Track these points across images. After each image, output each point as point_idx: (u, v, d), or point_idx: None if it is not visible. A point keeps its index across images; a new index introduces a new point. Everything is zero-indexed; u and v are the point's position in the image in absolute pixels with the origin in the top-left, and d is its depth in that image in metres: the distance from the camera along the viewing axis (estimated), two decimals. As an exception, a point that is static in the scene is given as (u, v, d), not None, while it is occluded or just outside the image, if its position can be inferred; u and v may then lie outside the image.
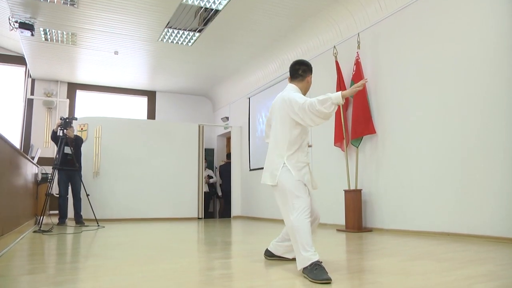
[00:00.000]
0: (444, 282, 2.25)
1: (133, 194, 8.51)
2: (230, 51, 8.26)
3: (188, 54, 8.45)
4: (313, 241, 2.62)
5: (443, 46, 4.85)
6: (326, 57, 6.83)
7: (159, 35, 7.45)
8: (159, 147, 8.93)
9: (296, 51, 7.64)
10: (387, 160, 5.54)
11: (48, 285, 2.29)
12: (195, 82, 10.53)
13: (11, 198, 4.29)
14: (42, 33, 7.41)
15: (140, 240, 4.74)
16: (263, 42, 7.77)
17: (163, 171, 8.87)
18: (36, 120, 10.10)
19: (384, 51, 5.73)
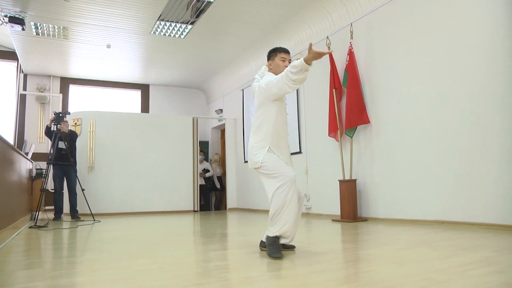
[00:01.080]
0: (440, 270, 2.27)
1: (128, 188, 8.50)
2: (223, 43, 8.23)
3: (181, 46, 8.41)
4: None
5: (436, 35, 4.86)
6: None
7: (151, 28, 7.39)
8: (154, 141, 8.92)
9: (289, 42, 7.61)
10: (381, 149, 5.56)
11: (45, 280, 2.30)
12: (188, 74, 10.48)
13: (6, 194, 4.27)
14: (33, 27, 7.33)
15: (136, 234, 4.74)
16: (255, 34, 7.74)
17: (158, 165, 8.86)
18: (29, 115, 10.03)
19: (377, 40, 5.72)
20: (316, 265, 2.57)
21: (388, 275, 2.21)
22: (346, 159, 5.92)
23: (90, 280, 2.26)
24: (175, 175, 8.99)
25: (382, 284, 1.99)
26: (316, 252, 3.13)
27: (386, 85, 5.53)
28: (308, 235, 4.43)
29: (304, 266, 2.56)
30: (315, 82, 6.91)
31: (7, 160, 4.35)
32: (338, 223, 5.46)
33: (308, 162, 7.09)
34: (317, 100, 6.85)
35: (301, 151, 7.29)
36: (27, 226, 5.68)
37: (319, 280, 2.13)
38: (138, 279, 2.26)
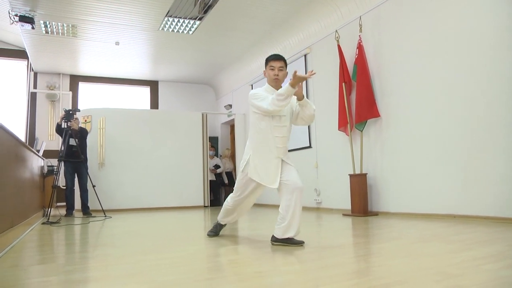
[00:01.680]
0: (453, 264, 2.25)
1: (138, 184, 8.55)
2: (231, 38, 8.21)
3: (189, 42, 8.41)
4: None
5: (446, 27, 4.79)
6: (328, 41, 6.77)
7: (159, 24, 7.40)
8: (163, 137, 8.94)
9: (297, 37, 7.58)
10: (391, 143, 5.52)
11: (58, 274, 2.32)
12: (197, 70, 10.49)
13: (19, 191, 4.32)
14: (43, 26, 7.38)
15: (147, 229, 4.77)
16: (264, 29, 7.71)
17: (168, 160, 8.89)
18: (40, 113, 10.12)
19: (386, 33, 5.67)
20: (327, 259, 2.56)
21: (400, 269, 2.19)
22: (356, 153, 5.89)
23: (102, 275, 2.28)
24: (185, 171, 9.01)
25: (394, 278, 1.98)
26: (327, 246, 3.12)
27: (396, 78, 5.48)
28: (319, 230, 4.43)
29: (315, 260, 2.55)
30: (324, 76, 6.87)
31: (19, 158, 4.39)
32: (348, 217, 5.44)
33: (318, 156, 7.06)
34: (326, 94, 6.82)
35: (311, 146, 7.27)
36: (40, 222, 5.74)
37: (331, 274, 2.12)
38: (150, 274, 2.27)
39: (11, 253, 3.15)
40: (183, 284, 2.02)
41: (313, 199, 7.13)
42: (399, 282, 1.89)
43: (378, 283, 1.90)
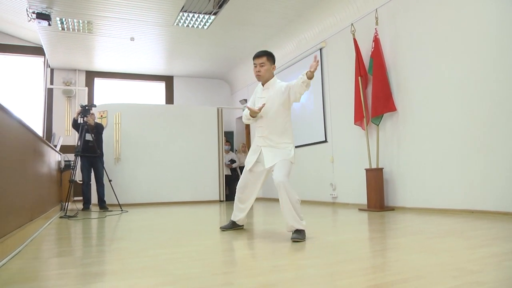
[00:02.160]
0: (472, 260, 2.22)
1: (154, 179, 8.61)
2: (246, 33, 8.19)
3: (204, 37, 8.41)
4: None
5: (464, 19, 4.70)
6: (344, 35, 6.71)
7: (174, 19, 7.42)
8: (179, 132, 8.98)
9: (312, 31, 7.52)
10: (408, 137, 5.46)
11: (76, 267, 2.35)
12: (212, 65, 10.50)
13: (37, 185, 4.38)
14: (59, 23, 7.46)
15: (163, 223, 4.80)
16: (279, 23, 7.67)
17: (183, 155, 8.92)
18: (57, 109, 10.25)
19: (403, 26, 5.59)
20: (344, 254, 2.54)
21: (417, 264, 2.17)
22: (372, 147, 5.84)
23: (120, 268, 2.30)
24: (201, 165, 9.04)
25: (412, 273, 1.95)
26: (343, 241, 3.10)
27: (412, 71, 5.40)
28: (335, 224, 4.41)
29: (331, 255, 2.54)
30: (340, 70, 6.82)
31: (37, 153, 4.45)
32: (364, 212, 5.41)
33: (333, 151, 7.02)
34: (342, 88, 6.77)
35: (326, 140, 7.23)
36: (58, 216, 5.82)
37: (348, 269, 2.11)
38: (167, 267, 2.28)
39: (31, 246, 3.21)
40: (200, 277, 2.03)
41: (328, 193, 7.09)
42: (416, 277, 1.87)
43: (395, 278, 1.88)
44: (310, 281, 1.92)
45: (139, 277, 2.06)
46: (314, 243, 2.97)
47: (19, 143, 3.37)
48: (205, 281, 1.96)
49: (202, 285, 1.88)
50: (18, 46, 9.89)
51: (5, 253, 2.64)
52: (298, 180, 8.02)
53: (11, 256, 2.69)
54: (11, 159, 2.99)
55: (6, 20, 8.84)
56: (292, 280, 1.94)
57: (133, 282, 1.97)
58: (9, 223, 2.88)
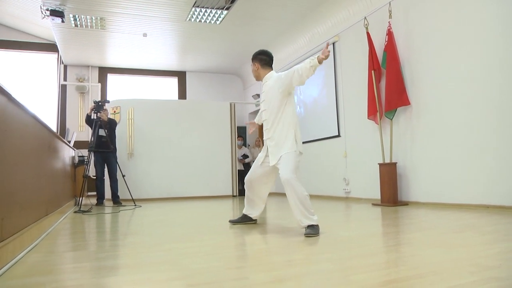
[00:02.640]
0: (489, 255, 2.18)
1: (167, 174, 8.65)
2: (258, 27, 8.16)
3: (217, 32, 8.40)
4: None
5: (480, 13, 4.61)
6: (357, 29, 6.65)
7: (187, 14, 7.42)
8: (191, 127, 9.00)
9: (325, 25, 7.47)
10: (422, 131, 5.39)
11: (91, 261, 2.37)
12: (224, 60, 10.49)
13: (52, 180, 4.43)
14: (72, 20, 7.51)
15: (177, 218, 4.82)
16: (291, 17, 7.63)
17: (196, 150, 8.95)
18: (70, 105, 10.36)
19: (417, 19, 5.51)
20: (358, 249, 2.53)
21: (433, 260, 2.14)
22: (386, 142, 5.79)
23: (134, 262, 2.31)
24: (214, 160, 9.06)
25: (428, 269, 1.93)
26: (357, 236, 3.08)
27: (426, 65, 5.33)
28: (348, 219, 4.38)
29: (346, 250, 2.52)
30: (353, 64, 6.77)
31: (52, 148, 4.50)
32: (378, 207, 5.37)
33: (347, 145, 6.98)
34: (355, 82, 6.71)
35: (339, 135, 7.19)
36: (72, 211, 5.89)
37: (362, 264, 2.09)
38: (182, 261, 2.29)
39: (46, 240, 3.24)
40: (215, 272, 2.03)
41: (342, 188, 7.06)
42: (432, 273, 1.85)
43: (410, 273, 1.86)
44: (324, 275, 1.91)
45: (153, 271, 2.07)
46: (328, 238, 2.96)
47: (35, 139, 3.41)
48: (220, 275, 1.96)
49: (217, 279, 1.89)
50: (32, 43, 9.99)
51: (23, 246, 2.68)
52: (311, 175, 8.00)
53: (28, 250, 2.73)
54: (27, 154, 3.03)
55: (20, 17, 8.93)
56: (306, 275, 1.93)
57: (148, 276, 1.98)
58: (26, 217, 2.92)
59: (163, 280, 1.90)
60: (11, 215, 2.49)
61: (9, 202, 2.45)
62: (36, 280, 1.98)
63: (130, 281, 1.91)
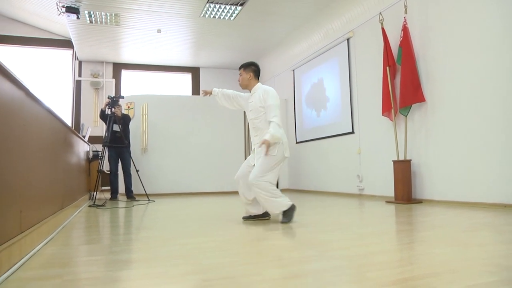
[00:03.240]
0: (507, 255, 2.15)
1: (181, 169, 8.68)
2: (273, 23, 8.13)
3: (231, 28, 8.40)
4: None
5: (498, 8, 4.53)
6: (372, 24, 6.58)
7: (201, 10, 7.42)
8: (205, 122, 9.01)
9: (340, 20, 7.41)
10: (437, 128, 5.33)
11: (106, 254, 2.39)
12: (238, 56, 10.47)
13: (68, 174, 4.49)
14: (87, 16, 7.57)
15: (190, 213, 4.84)
16: (306, 12, 7.58)
17: (210, 146, 8.96)
18: (85, 100, 10.46)
19: (433, 14, 5.43)
20: (372, 246, 2.51)
21: (449, 258, 2.11)
22: (400, 138, 5.73)
23: (149, 256, 2.33)
24: (227, 156, 9.05)
25: (444, 268, 1.91)
26: (371, 233, 3.06)
27: (443, 61, 5.26)
28: (362, 216, 4.36)
29: (360, 247, 2.51)
30: (367, 60, 6.71)
31: (67, 143, 4.55)
32: (391, 204, 5.33)
33: (361, 142, 6.93)
34: (370, 78, 6.66)
35: (353, 131, 7.14)
36: (87, 205, 5.95)
37: (376, 262, 2.08)
38: (196, 256, 2.30)
39: (62, 233, 3.29)
40: (229, 267, 2.03)
41: (355, 185, 7.02)
42: (448, 272, 1.83)
43: (425, 271, 1.84)
44: (339, 272, 1.90)
45: (168, 266, 2.08)
46: (342, 235, 2.94)
47: (51, 134, 3.45)
48: (234, 270, 1.96)
49: (232, 274, 1.89)
50: (48, 40, 10.10)
51: (40, 239, 2.72)
52: (324, 172, 7.98)
53: (45, 242, 2.77)
54: (44, 148, 3.07)
55: (37, 14, 9.03)
56: (320, 272, 1.92)
57: (163, 270, 1.99)
58: (43, 211, 2.96)
59: (178, 275, 1.91)
60: (29, 208, 2.52)
61: (27, 195, 2.48)
62: (53, 271, 2.00)
63: (144, 275, 1.93)
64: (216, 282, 1.76)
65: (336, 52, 7.70)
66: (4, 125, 2.03)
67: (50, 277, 1.89)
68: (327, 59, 8.03)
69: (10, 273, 1.93)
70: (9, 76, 2.11)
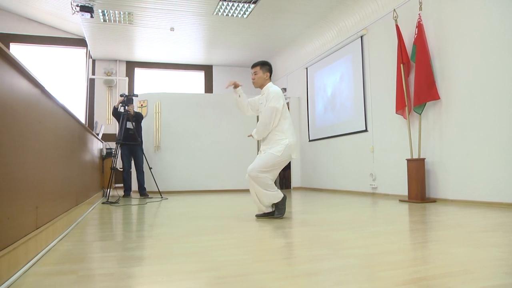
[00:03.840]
0: (523, 254, 2.12)
1: (193, 167, 8.72)
2: (285, 21, 8.11)
3: (244, 26, 8.39)
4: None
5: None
6: (386, 21, 6.52)
7: (214, 8, 7.43)
8: (218, 120, 9.02)
9: (353, 18, 7.36)
10: (451, 127, 5.27)
11: (120, 251, 2.41)
12: (251, 54, 10.46)
13: (82, 171, 4.54)
14: (101, 15, 7.64)
15: (203, 211, 4.86)
16: (319, 10, 7.55)
17: (222, 143, 8.98)
18: (98, 98, 10.57)
19: (448, 11, 5.36)
20: (387, 245, 2.49)
21: (464, 259, 2.09)
22: (414, 137, 5.68)
23: (162, 253, 2.34)
24: (239, 154, 9.05)
25: (458, 268, 1.88)
26: (384, 232, 3.04)
27: (458, 58, 5.19)
28: (375, 215, 4.33)
29: (374, 245, 2.49)
30: (381, 58, 6.66)
31: (82, 140, 4.60)
32: (405, 203, 5.28)
33: (374, 140, 6.89)
34: (383, 76, 6.61)
35: (366, 129, 7.09)
36: (100, 202, 6.01)
37: (390, 261, 2.06)
38: (210, 253, 2.31)
39: (76, 229, 3.33)
40: (243, 264, 2.04)
41: (368, 184, 6.98)
42: (463, 272, 1.81)
43: (440, 271, 1.82)
44: (352, 271, 1.89)
45: (181, 263, 2.09)
46: (355, 234, 2.93)
47: (66, 131, 3.49)
48: (247, 268, 1.97)
49: (245, 272, 1.89)
50: (62, 39, 10.22)
51: (55, 235, 2.76)
52: (337, 170, 7.94)
53: (60, 238, 2.80)
54: (59, 145, 3.10)
55: (51, 13, 9.14)
56: (334, 270, 1.91)
57: (176, 267, 2.01)
58: (58, 207, 3.00)
59: (191, 272, 1.91)
60: (45, 204, 2.56)
61: (43, 191, 2.52)
62: (68, 267, 2.03)
63: (158, 271, 1.94)
64: (230, 279, 1.77)
65: (350, 49, 7.65)
66: (21, 122, 2.07)
67: (66, 273, 1.92)
68: (341, 57, 7.99)
69: (27, 268, 1.97)
70: (26, 74, 2.14)
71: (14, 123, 1.95)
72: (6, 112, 1.83)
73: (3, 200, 1.78)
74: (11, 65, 1.94)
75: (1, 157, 1.76)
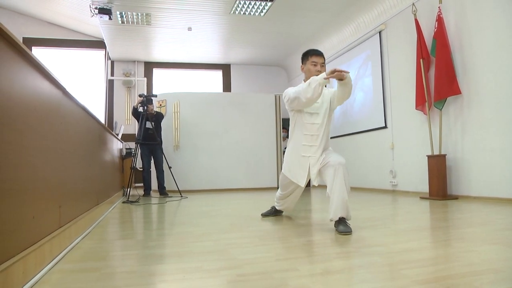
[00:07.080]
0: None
1: (212, 166, 8.75)
2: (303, 18, 8.06)
3: (261, 24, 8.38)
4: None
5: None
6: (405, 16, 6.43)
7: (231, 7, 7.44)
8: (236, 119, 9.04)
9: (371, 13, 7.27)
10: (473, 122, 5.16)
11: (141, 249, 2.43)
12: (269, 52, 10.44)
13: (103, 171, 4.60)
14: (119, 17, 7.72)
15: (223, 209, 4.86)
16: (336, 7, 7.48)
17: (241, 142, 8.99)
18: (117, 99, 10.70)
19: (470, 2, 5.24)
20: (409, 243, 2.46)
21: (491, 257, 2.03)
22: (434, 133, 5.59)
23: (184, 251, 2.35)
24: (259, 152, 9.06)
25: (485, 266, 1.84)
26: (406, 229, 3.00)
27: (480, 52, 5.08)
28: (396, 212, 4.27)
29: (395, 243, 2.46)
30: (400, 53, 6.57)
31: (102, 141, 4.66)
32: (426, 200, 5.20)
33: (394, 137, 6.80)
34: (403, 72, 6.51)
35: (386, 126, 7.01)
36: (121, 201, 6.08)
37: (414, 259, 2.03)
38: (231, 251, 2.31)
39: (97, 228, 3.37)
40: (264, 262, 2.03)
41: (388, 181, 6.90)
42: (490, 271, 1.76)
43: (465, 270, 1.78)
44: (376, 269, 1.87)
45: (202, 261, 2.10)
46: (377, 231, 2.90)
47: (87, 131, 3.54)
48: (270, 266, 1.96)
49: (266, 270, 1.88)
50: (81, 41, 10.38)
51: (78, 233, 2.81)
52: (357, 167, 7.87)
53: (82, 236, 2.85)
54: (80, 146, 3.15)
55: (71, 16, 9.28)
56: (357, 267, 1.89)
57: (198, 265, 2.01)
58: (80, 206, 3.04)
59: (212, 270, 1.92)
60: (68, 204, 2.60)
61: (66, 190, 2.56)
62: (91, 265, 2.06)
63: (179, 269, 1.95)
64: (251, 277, 1.76)
65: (368, 45, 7.57)
66: (44, 123, 2.10)
67: (89, 270, 1.94)
68: (359, 53, 7.91)
69: (52, 265, 2.01)
70: (48, 76, 2.18)
71: (38, 124, 1.99)
72: (30, 113, 1.87)
73: (28, 200, 1.82)
74: (34, 67, 1.97)
75: (26, 158, 1.79)
